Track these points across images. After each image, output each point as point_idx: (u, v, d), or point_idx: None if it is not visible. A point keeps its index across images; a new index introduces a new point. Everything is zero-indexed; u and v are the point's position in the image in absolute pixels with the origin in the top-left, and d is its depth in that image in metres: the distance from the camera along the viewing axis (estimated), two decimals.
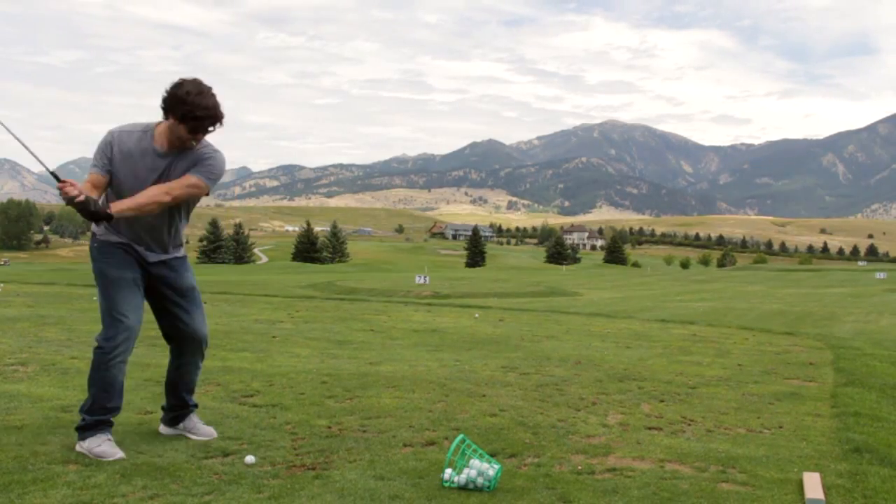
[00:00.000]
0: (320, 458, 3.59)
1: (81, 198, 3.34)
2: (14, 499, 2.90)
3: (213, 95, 3.52)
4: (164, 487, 3.11)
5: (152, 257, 3.79)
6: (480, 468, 3.21)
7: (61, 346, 6.86)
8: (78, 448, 3.59)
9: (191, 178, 3.61)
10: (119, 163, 3.60)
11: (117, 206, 3.46)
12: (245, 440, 3.85)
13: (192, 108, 3.45)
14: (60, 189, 3.32)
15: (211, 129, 3.57)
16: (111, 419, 3.70)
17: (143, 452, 3.60)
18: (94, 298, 3.57)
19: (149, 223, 3.72)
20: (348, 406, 4.72)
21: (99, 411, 3.63)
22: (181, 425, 3.98)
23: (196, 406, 4.06)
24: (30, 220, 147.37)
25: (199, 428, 3.97)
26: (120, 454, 3.53)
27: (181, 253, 3.95)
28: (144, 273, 3.78)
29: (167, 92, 3.51)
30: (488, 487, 3.19)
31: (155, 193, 3.54)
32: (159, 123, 3.64)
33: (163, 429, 4.01)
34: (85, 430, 3.61)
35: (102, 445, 3.55)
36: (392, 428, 4.19)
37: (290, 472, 3.37)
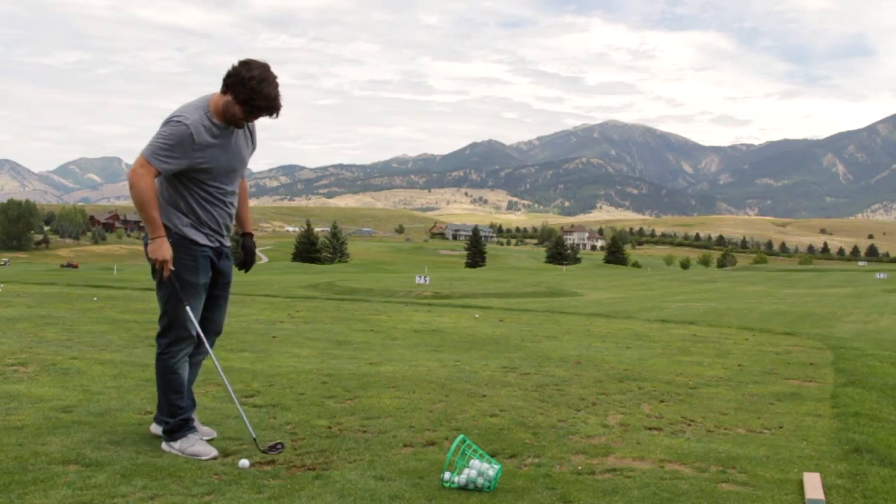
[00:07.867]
0: (320, 458, 3.59)
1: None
2: (14, 499, 2.89)
3: (276, 85, 3.43)
4: (164, 487, 3.11)
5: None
6: (480, 468, 3.21)
7: (61, 347, 6.86)
8: (166, 447, 3.67)
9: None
10: (201, 151, 3.51)
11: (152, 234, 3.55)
12: (245, 440, 3.85)
13: (252, 94, 3.38)
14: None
15: (268, 116, 3.52)
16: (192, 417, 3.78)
17: (143, 452, 3.59)
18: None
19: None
20: (348, 406, 4.71)
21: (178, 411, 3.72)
22: None
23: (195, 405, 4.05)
24: (30, 221, 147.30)
25: (199, 428, 3.96)
26: (214, 452, 3.60)
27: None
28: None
29: (233, 69, 3.41)
30: (488, 488, 3.19)
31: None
32: (214, 95, 3.55)
33: (154, 428, 3.94)
34: (173, 433, 3.68)
35: (196, 445, 3.63)
36: (392, 428, 4.18)
37: (290, 472, 3.37)
